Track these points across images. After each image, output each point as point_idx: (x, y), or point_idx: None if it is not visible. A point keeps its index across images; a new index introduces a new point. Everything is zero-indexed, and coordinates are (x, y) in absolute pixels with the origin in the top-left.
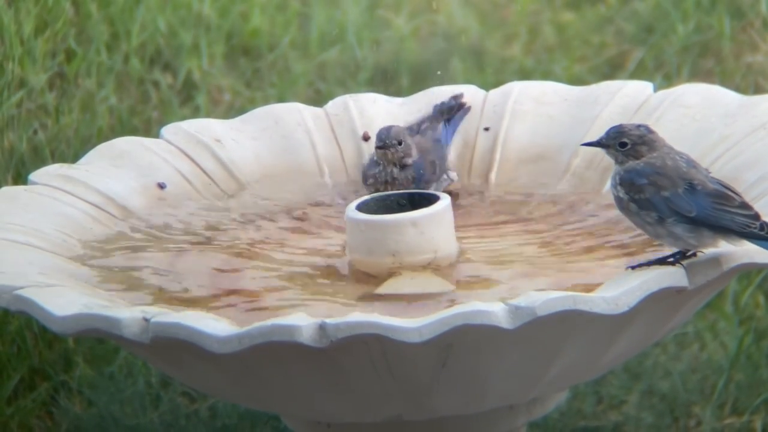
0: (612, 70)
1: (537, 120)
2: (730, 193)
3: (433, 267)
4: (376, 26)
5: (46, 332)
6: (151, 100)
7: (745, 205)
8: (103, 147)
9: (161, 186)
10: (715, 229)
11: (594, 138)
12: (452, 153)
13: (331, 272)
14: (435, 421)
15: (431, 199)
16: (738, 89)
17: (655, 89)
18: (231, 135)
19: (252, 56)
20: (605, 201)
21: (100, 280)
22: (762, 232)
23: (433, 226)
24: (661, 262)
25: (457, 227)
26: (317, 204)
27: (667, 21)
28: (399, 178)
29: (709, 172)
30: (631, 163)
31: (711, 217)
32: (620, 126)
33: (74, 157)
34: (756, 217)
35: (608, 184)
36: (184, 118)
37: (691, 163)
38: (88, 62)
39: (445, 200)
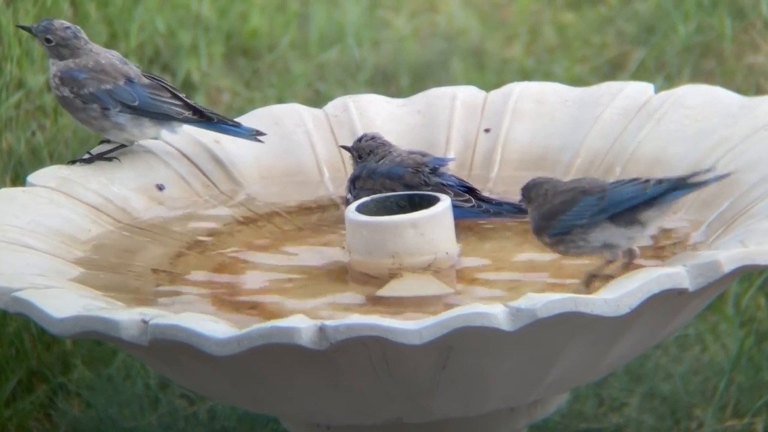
0: (613, 70)
1: (538, 121)
2: (164, 84)
3: (433, 269)
4: (375, 26)
5: (44, 334)
6: None
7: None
8: (101, 148)
9: (160, 187)
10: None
11: (595, 139)
12: (452, 154)
13: (330, 274)
14: (435, 424)
15: (431, 201)
16: (739, 90)
17: (656, 90)
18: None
19: (251, 57)
20: None
21: (98, 282)
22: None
23: (433, 228)
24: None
25: (457, 228)
26: (317, 205)
27: (668, 21)
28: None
29: (140, 68)
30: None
31: (150, 106)
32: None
33: (72, 159)
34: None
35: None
36: None
37: (124, 61)
38: None
39: (445, 202)
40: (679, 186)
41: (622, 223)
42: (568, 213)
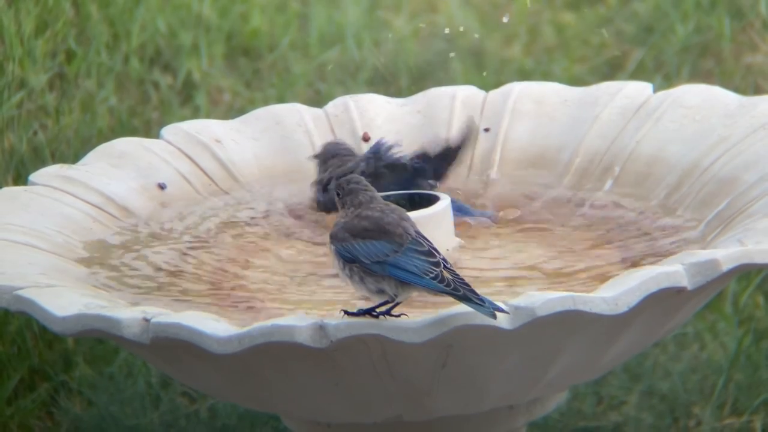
0: (612, 70)
1: (537, 121)
2: None
3: None
4: (375, 27)
5: (46, 332)
6: (151, 100)
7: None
8: (103, 147)
9: (161, 186)
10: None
11: (594, 139)
12: None
13: (331, 272)
14: (435, 422)
15: (431, 200)
16: (738, 90)
17: (655, 90)
18: (231, 135)
19: (252, 57)
20: (605, 201)
21: (100, 280)
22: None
23: (433, 227)
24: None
25: (457, 228)
26: (317, 204)
27: (666, 21)
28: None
29: None
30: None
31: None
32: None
33: (74, 158)
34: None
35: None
36: (183, 118)
37: None
38: (88, 63)
39: (444, 201)
40: (464, 299)
41: (400, 283)
42: (363, 243)
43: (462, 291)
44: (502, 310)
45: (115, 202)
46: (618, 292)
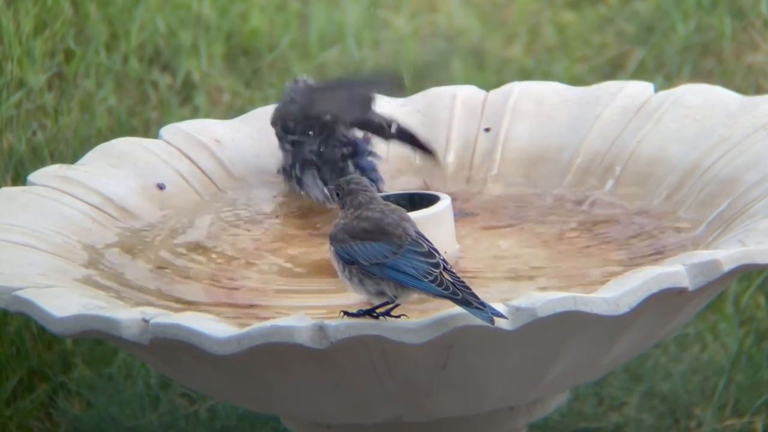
0: (613, 70)
1: (537, 120)
2: None
3: None
4: (375, 26)
5: (45, 333)
6: (150, 100)
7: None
8: (102, 147)
9: (160, 186)
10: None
11: (594, 139)
12: (452, 154)
13: (330, 273)
14: (435, 423)
15: (431, 200)
16: (739, 89)
17: (656, 90)
18: (230, 135)
19: (251, 56)
20: (606, 201)
21: (99, 281)
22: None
23: (433, 227)
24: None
25: (457, 228)
26: (317, 204)
27: (667, 21)
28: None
29: None
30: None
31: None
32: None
33: (73, 158)
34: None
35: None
36: (183, 118)
37: None
38: (87, 62)
39: (445, 201)
40: (464, 303)
41: (400, 286)
42: (362, 244)
43: (461, 295)
44: (501, 316)
45: (114, 202)
46: (619, 292)
